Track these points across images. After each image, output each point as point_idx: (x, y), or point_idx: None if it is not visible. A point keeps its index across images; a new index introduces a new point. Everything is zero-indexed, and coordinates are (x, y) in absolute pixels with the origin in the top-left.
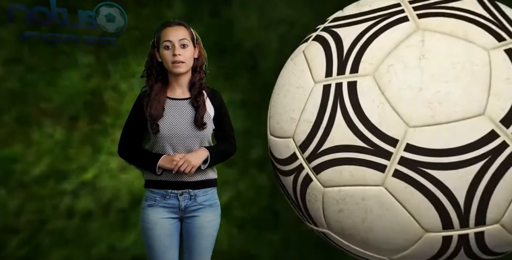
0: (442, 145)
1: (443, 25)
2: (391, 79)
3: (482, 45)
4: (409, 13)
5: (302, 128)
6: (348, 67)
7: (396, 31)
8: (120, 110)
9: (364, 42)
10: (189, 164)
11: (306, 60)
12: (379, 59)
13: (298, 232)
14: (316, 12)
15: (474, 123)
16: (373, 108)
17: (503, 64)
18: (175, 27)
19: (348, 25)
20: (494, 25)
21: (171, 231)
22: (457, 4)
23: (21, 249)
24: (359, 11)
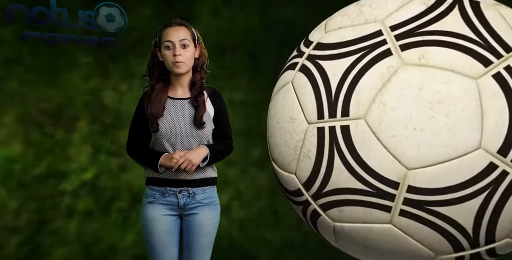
0: (443, 183)
1: (427, 57)
2: (383, 121)
3: (470, 74)
4: (391, 44)
5: (303, 167)
6: (339, 110)
7: (382, 67)
8: (120, 110)
9: (351, 81)
10: (190, 162)
11: (296, 96)
12: (369, 100)
13: (298, 232)
14: (316, 12)
15: (472, 158)
16: (369, 152)
17: (493, 92)
18: (176, 27)
19: (333, 59)
20: (479, 46)
21: (171, 228)
22: (439, 26)
23: (21, 249)
24: (341, 40)
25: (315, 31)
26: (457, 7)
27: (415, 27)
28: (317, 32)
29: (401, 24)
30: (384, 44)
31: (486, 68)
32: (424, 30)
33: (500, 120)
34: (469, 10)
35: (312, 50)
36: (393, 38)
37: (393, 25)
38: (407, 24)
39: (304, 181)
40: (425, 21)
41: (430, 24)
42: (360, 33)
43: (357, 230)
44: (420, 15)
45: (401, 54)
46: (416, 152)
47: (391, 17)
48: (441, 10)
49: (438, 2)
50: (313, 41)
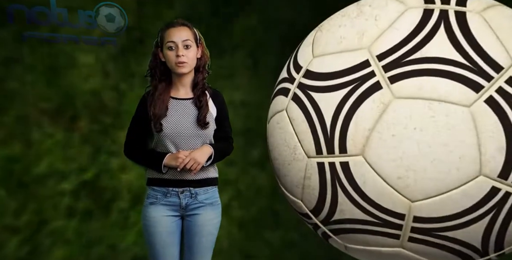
0: (448, 212)
1: (417, 91)
2: (381, 158)
3: (462, 102)
4: (380, 76)
5: (308, 197)
6: (336, 147)
7: (373, 102)
8: (120, 110)
9: (344, 117)
10: (195, 162)
11: (292, 128)
12: (364, 137)
13: (298, 232)
14: (316, 12)
15: (473, 186)
16: (371, 187)
17: (487, 118)
18: (178, 27)
19: (324, 91)
20: (469, 70)
21: (172, 229)
22: (427, 52)
23: (21, 249)
24: (330, 70)
25: (304, 50)
26: (442, 26)
27: (402, 55)
28: (306, 53)
29: (387, 52)
30: (373, 76)
31: (478, 93)
32: (411, 58)
33: (498, 144)
34: (455, 27)
35: (302, 78)
36: (381, 70)
37: (380, 54)
38: (393, 51)
39: (312, 209)
40: (412, 47)
41: (416, 50)
42: (348, 62)
43: (368, 251)
44: (407, 39)
45: (391, 87)
46: (417, 185)
47: (377, 43)
48: (427, 31)
49: (426, 17)
50: (302, 65)
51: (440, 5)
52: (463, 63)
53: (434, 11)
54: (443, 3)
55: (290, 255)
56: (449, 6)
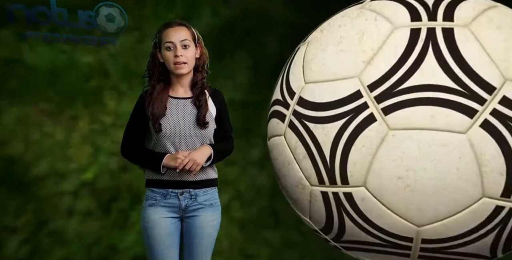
0: (455, 232)
1: (411, 119)
2: (383, 187)
3: (458, 129)
4: (373, 108)
5: (317, 218)
6: (337, 178)
7: (369, 135)
8: (120, 110)
9: (342, 149)
10: (194, 162)
11: (293, 156)
12: (365, 168)
13: (298, 232)
14: (316, 12)
15: (477, 207)
16: (377, 215)
17: (484, 142)
18: (176, 28)
19: (319, 122)
20: (461, 95)
21: (172, 231)
22: (418, 79)
23: (21, 249)
24: (323, 101)
25: (295, 70)
26: (431, 49)
27: (393, 84)
28: (298, 77)
29: (378, 82)
30: (366, 108)
31: (472, 119)
32: (403, 87)
33: (498, 166)
34: (443, 48)
35: (297, 106)
36: (374, 101)
37: (370, 83)
38: (384, 80)
39: (321, 228)
40: (402, 75)
41: (407, 78)
42: (340, 92)
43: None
44: (397, 66)
45: (385, 119)
46: (422, 212)
47: (367, 71)
48: (415, 55)
49: (413, 39)
50: (295, 91)
51: (427, 21)
52: (454, 88)
53: (421, 31)
54: (430, 20)
55: (290, 255)
56: (436, 23)
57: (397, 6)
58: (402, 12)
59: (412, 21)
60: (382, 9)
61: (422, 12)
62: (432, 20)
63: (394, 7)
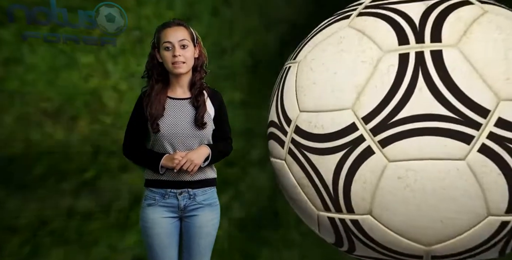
0: (464, 247)
1: (410, 150)
2: (389, 215)
3: (456, 157)
4: (370, 140)
5: (327, 237)
6: (343, 206)
7: (369, 166)
8: (120, 110)
9: (344, 180)
10: (192, 163)
11: (297, 183)
12: (368, 198)
13: (298, 232)
14: (316, 12)
15: (483, 226)
16: (386, 238)
17: (484, 165)
18: (174, 27)
19: (318, 153)
20: (455, 122)
21: (171, 230)
22: (411, 109)
23: (21, 249)
24: (319, 132)
25: (289, 92)
26: (421, 76)
27: (387, 115)
28: (292, 102)
29: (372, 114)
30: (363, 141)
31: (470, 144)
32: (397, 119)
33: (500, 186)
34: (433, 74)
35: (294, 134)
36: (370, 133)
37: (365, 115)
38: (378, 112)
39: (333, 243)
40: (395, 106)
41: (400, 109)
42: (335, 124)
43: None
44: (389, 96)
45: (383, 151)
46: (429, 234)
47: (360, 101)
48: (406, 84)
49: (403, 65)
50: (291, 118)
51: (415, 44)
52: (448, 116)
53: (410, 56)
54: (418, 41)
55: (290, 255)
56: (424, 45)
57: (383, 25)
58: (389, 33)
59: (400, 44)
60: (369, 30)
61: (409, 33)
62: (420, 42)
63: (380, 27)
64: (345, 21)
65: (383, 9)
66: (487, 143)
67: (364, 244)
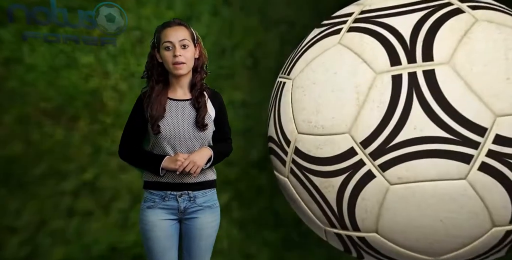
0: (471, 256)
1: (411, 173)
2: (395, 231)
3: (457, 176)
4: (370, 165)
5: (336, 247)
6: (348, 225)
7: (371, 189)
8: (120, 110)
9: (348, 201)
10: (195, 164)
11: (301, 200)
12: (373, 218)
13: (298, 232)
14: (316, 12)
15: (489, 236)
16: (394, 254)
17: (486, 182)
18: (175, 27)
19: (320, 176)
20: (453, 143)
21: (170, 233)
22: (408, 133)
23: (21, 249)
24: (319, 155)
25: (285, 112)
26: (415, 98)
27: (385, 140)
28: (289, 123)
29: (370, 138)
30: (363, 165)
31: (469, 164)
32: (395, 142)
33: (503, 200)
34: (427, 95)
35: (294, 155)
36: (369, 158)
37: (363, 140)
38: (375, 136)
39: (342, 251)
40: (392, 129)
41: (397, 132)
42: (334, 149)
43: None
44: (385, 120)
45: (384, 175)
46: (437, 248)
47: (357, 126)
48: (401, 107)
49: (396, 88)
50: (290, 139)
51: (407, 64)
52: (446, 137)
53: (403, 78)
54: (410, 62)
55: (290, 255)
56: (416, 64)
57: (374, 44)
58: (381, 53)
59: (392, 65)
60: (360, 49)
61: (401, 52)
62: (412, 62)
63: (372, 46)
64: (335, 37)
65: (373, 23)
66: (487, 161)
67: (373, 256)
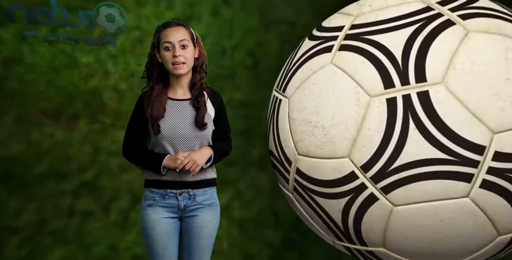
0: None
1: (413, 194)
2: (402, 247)
3: (459, 195)
4: (373, 188)
5: None
6: (355, 240)
7: (376, 210)
8: (120, 110)
9: (353, 221)
10: (194, 163)
11: (307, 216)
12: (380, 236)
13: (298, 232)
14: (316, 12)
15: (494, 245)
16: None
17: (489, 198)
18: (174, 27)
19: (324, 197)
20: (454, 164)
21: (171, 231)
22: (406, 156)
23: (21, 249)
24: (320, 178)
25: (283, 130)
26: (412, 121)
27: (385, 163)
28: (287, 140)
29: (370, 162)
30: (365, 188)
31: (470, 182)
32: (395, 166)
33: (507, 211)
34: (423, 117)
35: (296, 175)
36: (371, 181)
37: (363, 164)
38: (375, 160)
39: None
40: (391, 153)
41: (397, 156)
42: (335, 172)
43: None
44: (383, 144)
45: (387, 197)
46: (443, 259)
47: (355, 150)
48: (398, 130)
49: (391, 111)
50: (291, 160)
51: (401, 87)
52: (445, 159)
53: (398, 101)
54: (404, 84)
55: (290, 255)
56: (410, 86)
57: (367, 65)
58: (374, 75)
59: (385, 88)
60: (353, 70)
61: (393, 74)
62: (405, 84)
63: (364, 67)
64: (327, 56)
65: (364, 41)
66: (488, 178)
67: None
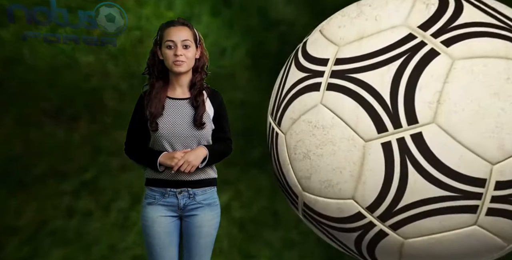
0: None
1: (422, 229)
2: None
3: (467, 224)
4: (381, 225)
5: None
6: (365, 254)
7: (386, 244)
8: (120, 110)
9: (367, 251)
10: (189, 164)
11: (319, 233)
12: (396, 258)
13: (298, 232)
14: (316, 12)
15: (503, 253)
16: None
17: (495, 222)
18: (178, 27)
19: (334, 229)
20: (458, 199)
21: (171, 229)
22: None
23: (21, 249)
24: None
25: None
26: (409, 163)
27: (390, 205)
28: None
29: (375, 204)
30: (374, 226)
31: (476, 213)
32: (400, 206)
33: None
34: (421, 159)
35: (304, 207)
36: (379, 220)
37: (369, 205)
38: (380, 202)
39: None
40: (394, 195)
41: (400, 198)
42: (342, 212)
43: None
44: (385, 187)
45: (396, 232)
46: None
47: (359, 192)
48: (398, 174)
49: (388, 158)
50: (298, 194)
51: (394, 130)
52: (447, 196)
53: (393, 145)
54: (396, 127)
55: (290, 255)
56: (403, 129)
57: (356, 108)
58: (366, 119)
59: (379, 132)
60: (344, 114)
61: (384, 117)
62: (398, 127)
63: (355, 110)
64: (316, 95)
65: (350, 81)
66: (492, 206)
67: None
